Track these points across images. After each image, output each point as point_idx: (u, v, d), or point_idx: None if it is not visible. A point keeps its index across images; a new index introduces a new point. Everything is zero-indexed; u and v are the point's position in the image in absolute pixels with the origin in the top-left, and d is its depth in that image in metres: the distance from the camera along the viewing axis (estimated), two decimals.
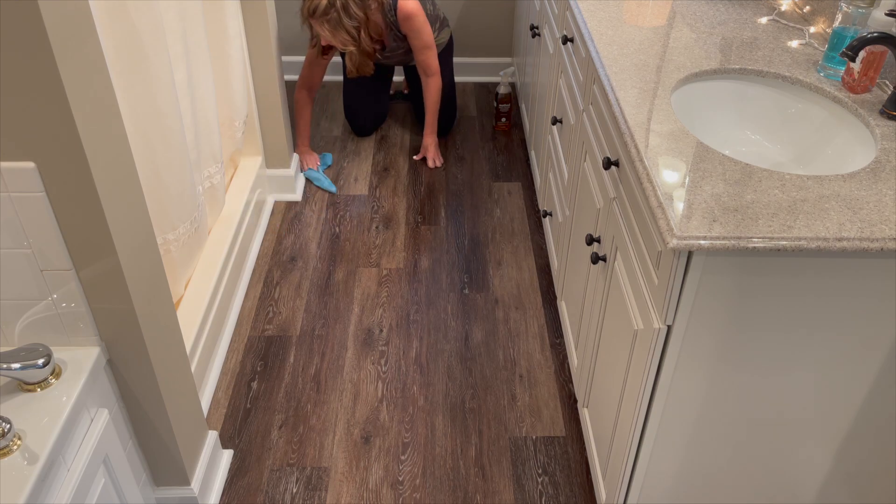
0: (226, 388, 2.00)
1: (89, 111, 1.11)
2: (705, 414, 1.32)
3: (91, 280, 1.24)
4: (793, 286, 1.15)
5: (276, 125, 2.56)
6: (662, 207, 1.15)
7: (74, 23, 1.07)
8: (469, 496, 1.74)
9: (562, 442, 1.87)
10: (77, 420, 1.25)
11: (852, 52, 1.34)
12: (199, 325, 1.89)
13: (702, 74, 1.58)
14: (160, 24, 1.60)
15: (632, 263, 1.34)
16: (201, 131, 2.01)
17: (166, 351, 1.44)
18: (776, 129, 1.56)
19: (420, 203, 2.71)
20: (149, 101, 1.63)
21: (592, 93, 1.70)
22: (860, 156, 1.36)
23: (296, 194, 2.71)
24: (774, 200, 1.16)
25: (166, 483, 1.58)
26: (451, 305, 2.26)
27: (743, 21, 1.81)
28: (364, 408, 1.95)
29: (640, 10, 1.86)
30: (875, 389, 1.30)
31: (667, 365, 1.24)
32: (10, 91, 1.04)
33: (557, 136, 2.17)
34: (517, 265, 2.42)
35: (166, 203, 1.78)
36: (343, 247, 2.49)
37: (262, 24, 2.32)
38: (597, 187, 1.63)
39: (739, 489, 1.46)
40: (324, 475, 1.78)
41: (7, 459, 1.13)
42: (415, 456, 1.83)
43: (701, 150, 1.29)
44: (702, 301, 1.16)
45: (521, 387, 2.01)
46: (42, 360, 1.21)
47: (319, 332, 2.16)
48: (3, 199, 1.13)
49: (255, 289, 2.32)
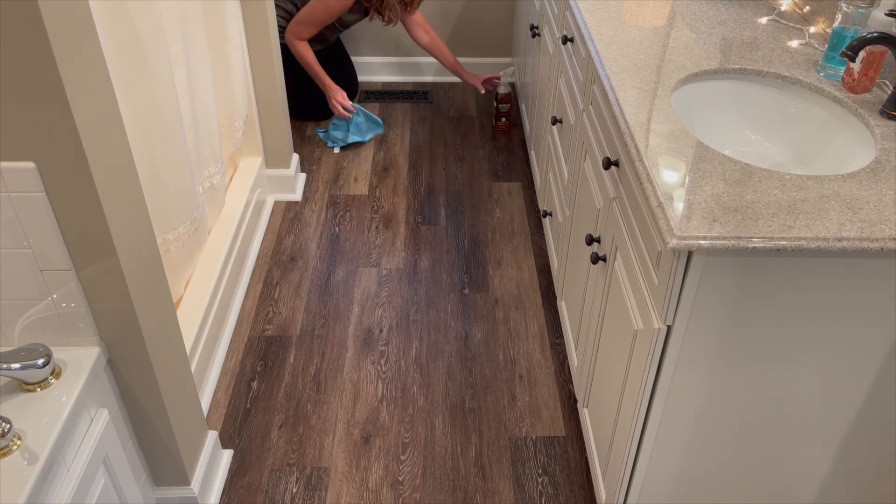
0: (226, 388, 2.00)
1: (89, 111, 1.11)
2: (705, 414, 1.32)
3: (91, 280, 1.24)
4: (793, 286, 1.15)
5: (276, 125, 2.56)
6: (662, 207, 1.15)
7: (74, 23, 1.07)
8: (469, 496, 1.74)
9: (562, 442, 1.87)
10: (77, 420, 1.25)
11: (852, 52, 1.34)
12: (199, 325, 1.89)
13: (702, 74, 1.58)
14: (160, 24, 1.60)
15: (632, 263, 1.34)
16: (201, 131, 2.01)
17: (166, 351, 1.44)
18: (776, 129, 1.56)
19: (420, 203, 2.71)
20: (149, 101, 1.63)
21: (592, 93, 1.70)
22: (860, 156, 1.36)
23: (296, 194, 2.71)
24: (774, 200, 1.16)
25: (166, 483, 1.58)
26: (451, 305, 2.26)
27: (743, 21, 1.81)
28: (364, 408, 1.95)
29: (640, 10, 1.86)
30: (875, 389, 1.30)
31: (667, 365, 1.24)
32: (10, 91, 1.04)
33: (557, 136, 2.17)
34: (517, 265, 2.42)
35: (166, 203, 1.78)
36: (343, 247, 2.49)
37: (262, 24, 2.32)
38: (597, 187, 1.63)
39: (739, 489, 1.46)
40: (324, 475, 1.78)
41: (7, 459, 1.13)
42: (415, 456, 1.83)
43: (701, 150, 1.29)
44: (702, 301, 1.16)
45: (521, 387, 2.01)
46: (42, 360, 1.21)
47: (319, 332, 2.17)
48: (3, 199, 1.13)
49: (255, 289, 2.32)
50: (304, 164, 2.90)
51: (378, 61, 3.49)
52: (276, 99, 2.49)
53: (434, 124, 3.19)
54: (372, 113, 3.03)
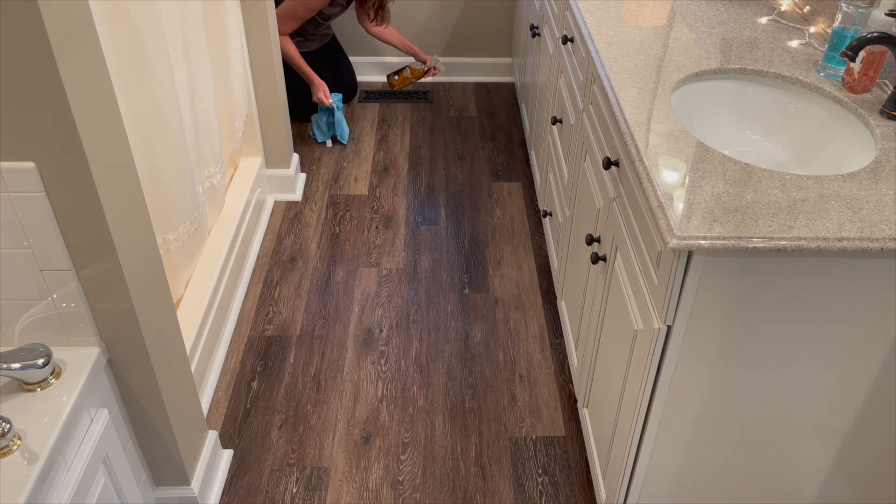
0: (226, 388, 2.00)
1: (89, 111, 1.11)
2: (705, 414, 1.32)
3: (91, 280, 1.24)
4: (793, 286, 1.15)
5: (276, 125, 2.56)
6: (662, 207, 1.15)
7: (74, 23, 1.07)
8: (469, 496, 1.74)
9: (562, 442, 1.87)
10: (77, 420, 1.25)
11: (852, 52, 1.34)
12: (199, 325, 1.89)
13: (702, 74, 1.58)
14: (160, 24, 1.60)
15: (632, 263, 1.34)
16: (201, 131, 2.01)
17: (166, 351, 1.44)
18: (776, 129, 1.56)
19: (420, 203, 2.71)
20: (149, 101, 1.63)
21: (592, 93, 1.70)
22: (860, 156, 1.36)
23: (296, 194, 2.71)
24: (774, 200, 1.16)
25: (166, 483, 1.58)
26: (451, 305, 2.26)
27: (743, 21, 1.81)
28: (364, 408, 1.95)
29: (640, 10, 1.86)
30: (875, 389, 1.30)
31: (667, 365, 1.24)
32: (10, 91, 1.04)
33: (557, 136, 2.17)
34: (517, 265, 2.42)
35: (166, 203, 1.78)
36: (343, 247, 2.49)
37: (262, 24, 2.32)
38: (597, 187, 1.63)
39: (739, 489, 1.46)
40: (324, 475, 1.78)
41: (7, 459, 1.13)
42: (415, 456, 1.83)
43: (701, 150, 1.29)
44: (702, 301, 1.16)
45: (521, 387, 2.01)
46: (42, 360, 1.21)
47: (319, 332, 2.17)
48: (3, 199, 1.13)
49: (255, 289, 2.32)
50: (304, 164, 2.90)
51: (378, 61, 3.49)
52: (276, 99, 2.49)
53: (434, 124, 3.19)
54: (345, 121, 3.06)
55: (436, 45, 3.46)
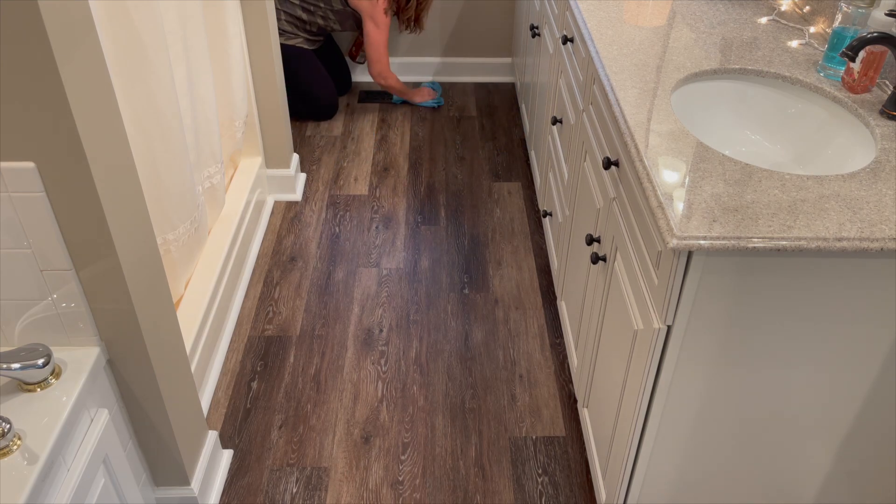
0: (226, 388, 2.00)
1: (89, 111, 1.11)
2: (705, 414, 1.32)
3: (91, 280, 1.24)
4: (793, 286, 1.15)
5: (276, 125, 2.56)
6: (662, 207, 1.15)
7: (74, 23, 1.07)
8: (469, 496, 1.74)
9: (562, 442, 1.87)
10: (77, 420, 1.25)
11: (852, 52, 1.34)
12: (199, 325, 1.89)
13: (702, 74, 1.58)
14: (160, 24, 1.60)
15: (632, 263, 1.34)
16: (201, 131, 2.01)
17: (166, 351, 1.44)
18: (776, 129, 1.56)
19: (420, 203, 2.71)
20: (149, 101, 1.63)
21: (592, 93, 1.70)
22: (860, 156, 1.36)
23: (296, 194, 2.71)
24: (774, 200, 1.16)
25: (166, 483, 1.58)
26: (451, 305, 2.26)
27: (743, 21, 1.81)
28: (364, 408, 1.95)
29: (640, 10, 1.86)
30: (875, 389, 1.30)
31: (667, 365, 1.24)
32: (10, 91, 1.04)
33: (557, 136, 2.17)
34: (517, 265, 2.42)
35: (166, 203, 1.78)
36: (343, 247, 2.49)
37: (262, 24, 2.32)
38: (597, 187, 1.63)
39: (739, 489, 1.46)
40: (324, 475, 1.78)
41: (7, 459, 1.13)
42: (415, 456, 1.83)
43: (701, 150, 1.29)
44: (702, 301, 1.16)
45: (521, 387, 2.01)
46: (42, 360, 1.21)
47: (319, 332, 2.17)
48: (3, 199, 1.13)
49: (255, 289, 2.32)
50: (304, 164, 2.90)
51: None
52: (276, 99, 2.49)
53: (434, 124, 3.19)
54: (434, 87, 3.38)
55: (436, 45, 3.46)
